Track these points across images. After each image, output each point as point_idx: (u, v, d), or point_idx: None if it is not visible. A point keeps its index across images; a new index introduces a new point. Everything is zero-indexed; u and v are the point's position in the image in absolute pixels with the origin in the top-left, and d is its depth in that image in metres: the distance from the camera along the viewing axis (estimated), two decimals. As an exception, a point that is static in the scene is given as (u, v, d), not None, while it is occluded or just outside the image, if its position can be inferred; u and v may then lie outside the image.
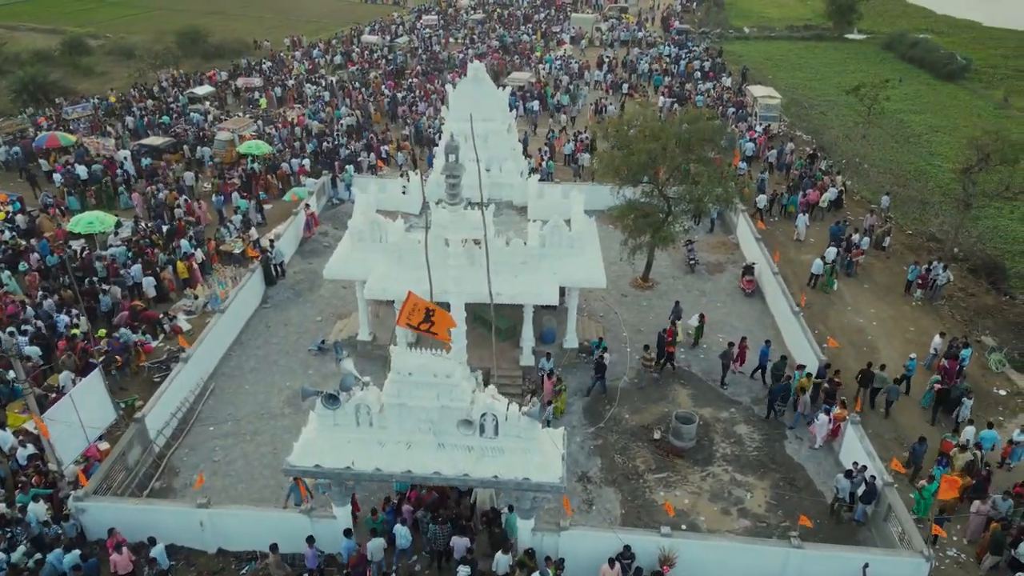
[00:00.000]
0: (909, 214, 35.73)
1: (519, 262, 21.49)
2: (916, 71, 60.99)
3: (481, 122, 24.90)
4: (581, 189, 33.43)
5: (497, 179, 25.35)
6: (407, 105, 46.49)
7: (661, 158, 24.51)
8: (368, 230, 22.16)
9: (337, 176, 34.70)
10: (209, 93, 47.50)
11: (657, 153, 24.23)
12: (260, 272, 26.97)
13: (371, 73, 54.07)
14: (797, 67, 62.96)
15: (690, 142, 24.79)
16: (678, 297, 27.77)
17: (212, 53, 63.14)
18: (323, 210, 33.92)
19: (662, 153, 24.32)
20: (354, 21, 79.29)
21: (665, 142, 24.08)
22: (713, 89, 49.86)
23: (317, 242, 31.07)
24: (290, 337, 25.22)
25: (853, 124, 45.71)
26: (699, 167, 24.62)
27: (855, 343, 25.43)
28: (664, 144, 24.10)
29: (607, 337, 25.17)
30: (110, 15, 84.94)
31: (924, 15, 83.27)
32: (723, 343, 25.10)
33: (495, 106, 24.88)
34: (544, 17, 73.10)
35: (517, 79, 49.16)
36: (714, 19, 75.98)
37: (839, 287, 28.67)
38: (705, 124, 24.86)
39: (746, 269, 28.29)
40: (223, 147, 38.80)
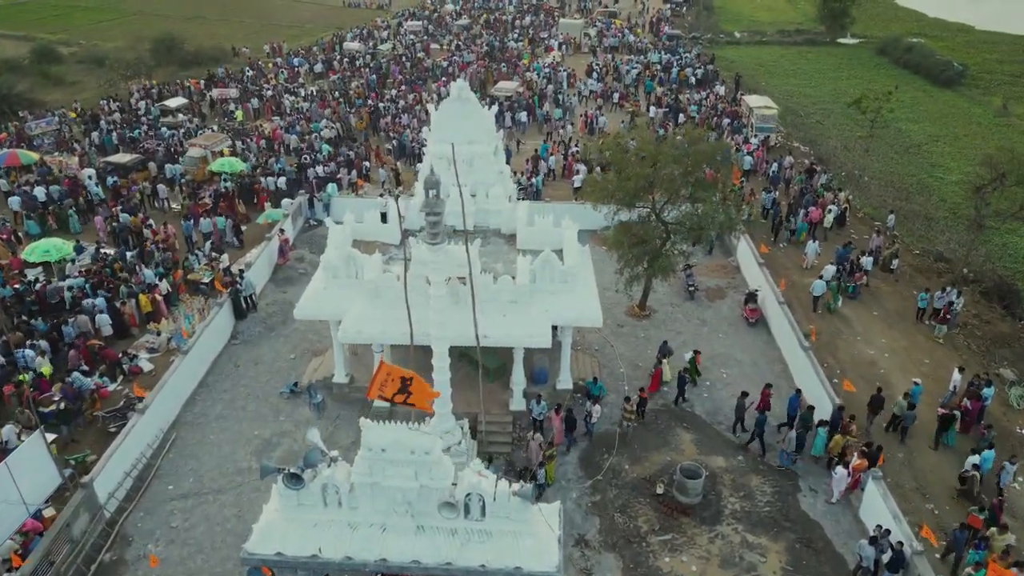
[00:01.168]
0: (914, 231, 34.23)
1: (508, 300, 19.71)
2: (911, 77, 59.71)
3: (466, 144, 23.16)
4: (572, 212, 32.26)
5: (483, 205, 23.56)
6: (390, 116, 44.59)
7: (658, 182, 22.82)
8: (343, 265, 20.31)
9: (314, 196, 32.76)
10: (182, 105, 45.39)
11: (654, 177, 22.53)
12: (228, 305, 25.03)
13: (353, 82, 52.08)
14: (790, 73, 61.55)
15: (690, 165, 23.06)
16: (678, 327, 26.15)
17: (189, 61, 60.88)
18: (299, 233, 31.99)
19: (659, 177, 22.62)
20: (337, 26, 77.24)
21: (663, 166, 22.35)
22: (706, 99, 48.22)
23: (292, 269, 29.15)
24: (260, 378, 23.31)
25: (855, 137, 44.09)
26: (700, 192, 22.90)
27: (867, 377, 23.76)
28: (662, 168, 22.37)
29: (603, 374, 23.46)
30: (86, 20, 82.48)
31: (916, 18, 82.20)
32: (726, 379, 23.51)
33: (481, 127, 23.08)
34: (531, 22, 71.33)
35: (504, 89, 47.36)
36: (704, 23, 74.48)
37: (848, 313, 27.08)
38: (706, 145, 23.15)
39: (749, 296, 26.63)
40: (194, 164, 36.77)
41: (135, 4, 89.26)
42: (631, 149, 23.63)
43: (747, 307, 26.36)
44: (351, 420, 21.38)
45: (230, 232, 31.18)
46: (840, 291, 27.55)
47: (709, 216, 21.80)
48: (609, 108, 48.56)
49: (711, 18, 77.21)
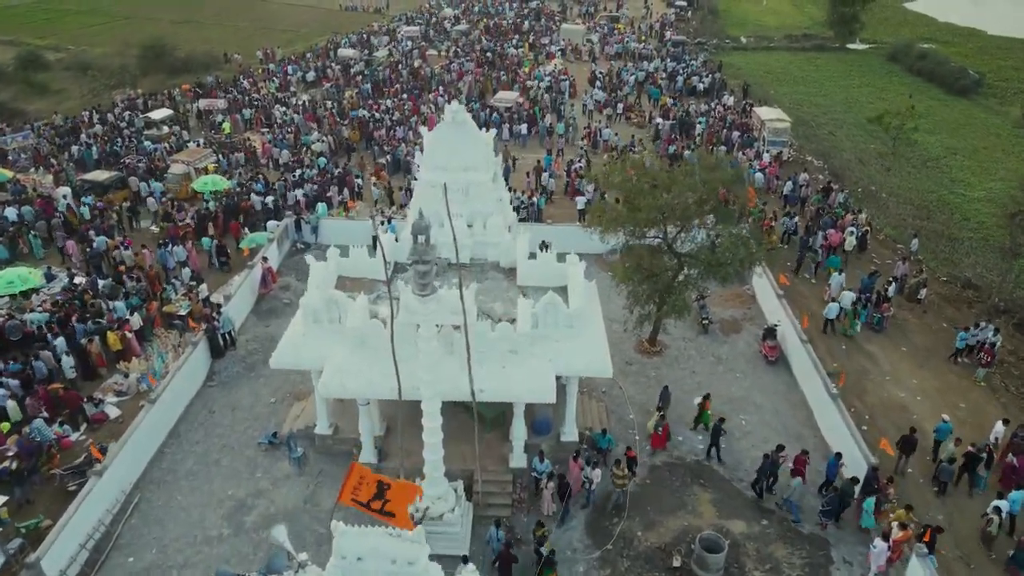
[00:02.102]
0: (938, 254, 32.28)
1: (507, 350, 17.76)
2: (925, 86, 57.79)
3: (461, 172, 21.27)
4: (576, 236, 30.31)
5: (481, 237, 21.62)
6: (384, 129, 42.63)
7: (670, 212, 20.87)
8: (324, 309, 18.35)
9: (302, 217, 30.79)
10: (167, 117, 43.39)
11: (666, 208, 20.59)
12: (204, 344, 23.06)
13: (347, 92, 50.12)
14: (799, 81, 59.63)
15: (705, 192, 21.10)
16: (691, 365, 24.20)
17: (178, 68, 58.93)
18: (285, 257, 30.02)
19: (672, 206, 20.67)
20: (333, 30, 75.30)
21: (675, 195, 20.38)
22: (714, 110, 46.25)
23: (276, 299, 27.18)
24: (237, 426, 21.33)
25: (871, 151, 42.07)
26: (719, 227, 20.93)
27: (898, 424, 21.81)
28: (675, 197, 20.41)
29: (611, 421, 21.52)
30: (76, 25, 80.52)
31: (926, 23, 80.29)
32: (746, 427, 21.55)
33: (478, 153, 21.16)
34: (531, 28, 69.31)
35: (504, 99, 45.42)
36: (709, 28, 72.58)
37: (874, 349, 25.16)
38: (723, 172, 21.17)
39: (767, 332, 24.67)
40: (177, 182, 34.84)
41: (127, 7, 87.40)
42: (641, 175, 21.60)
43: (766, 343, 24.40)
44: (335, 477, 19.45)
45: (215, 255, 29.29)
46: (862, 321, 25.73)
47: (729, 251, 19.83)
48: (614, 120, 46.62)
49: (716, 23, 75.32)
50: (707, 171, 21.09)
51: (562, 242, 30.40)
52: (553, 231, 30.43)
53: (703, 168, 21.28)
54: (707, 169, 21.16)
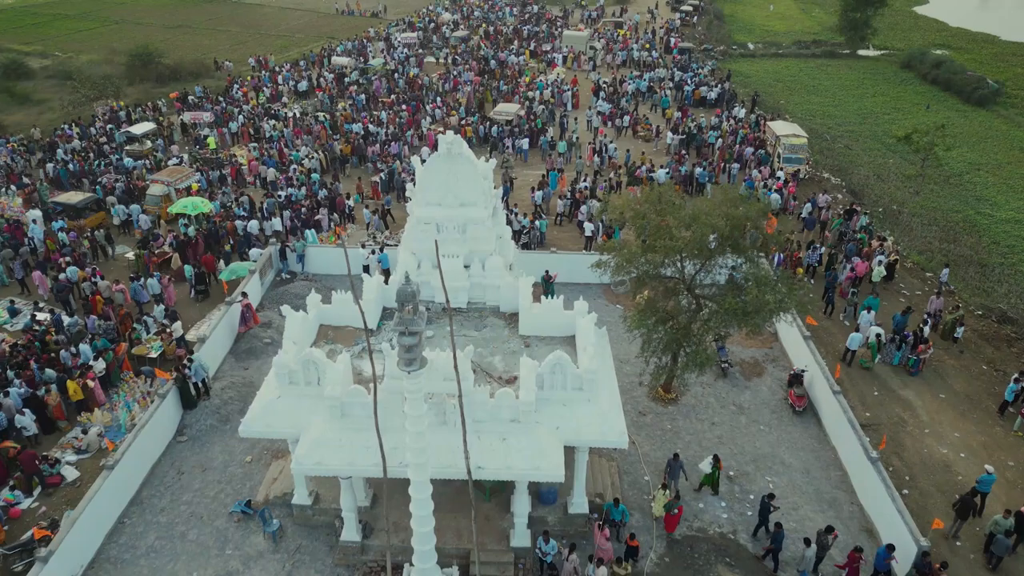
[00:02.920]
0: (969, 282, 30.13)
1: (508, 419, 15.59)
2: (941, 95, 55.63)
3: (457, 208, 19.14)
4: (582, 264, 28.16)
5: (479, 279, 19.47)
6: (378, 143, 40.47)
7: (690, 253, 18.72)
8: (300, 370, 16.17)
9: (287, 244, 28.62)
10: (149, 131, 41.20)
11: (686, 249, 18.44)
12: (174, 395, 20.90)
13: (340, 103, 47.94)
14: (811, 90, 57.45)
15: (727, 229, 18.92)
16: (711, 414, 22.04)
17: (166, 76, 56.80)
18: (269, 289, 27.86)
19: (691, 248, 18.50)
20: (329, 36, 73.25)
21: (698, 237, 18.20)
22: (725, 122, 44.08)
23: (256, 337, 25.00)
24: (208, 490, 19.17)
25: (902, 176, 39.65)
26: (745, 268, 18.77)
27: (941, 486, 19.73)
28: (696, 238, 18.24)
29: (623, 484, 19.37)
30: (64, 30, 78.33)
31: (938, 28, 78.05)
32: (773, 490, 19.35)
33: (476, 186, 19.00)
34: (532, 33, 67.07)
35: (504, 112, 43.26)
36: (716, 34, 70.39)
37: (910, 396, 23.02)
38: (749, 209, 18.99)
39: (794, 378, 22.51)
40: (156, 203, 32.71)
41: (118, 12, 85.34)
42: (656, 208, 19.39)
43: (792, 391, 22.24)
44: (315, 553, 17.33)
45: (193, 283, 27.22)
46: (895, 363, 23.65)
47: (757, 298, 17.66)
48: (622, 133, 44.48)
49: (722, 29, 73.12)
50: (730, 206, 18.89)
51: (567, 271, 28.53)
52: (558, 260, 28.32)
53: (726, 202, 19.07)
54: (730, 203, 18.96)
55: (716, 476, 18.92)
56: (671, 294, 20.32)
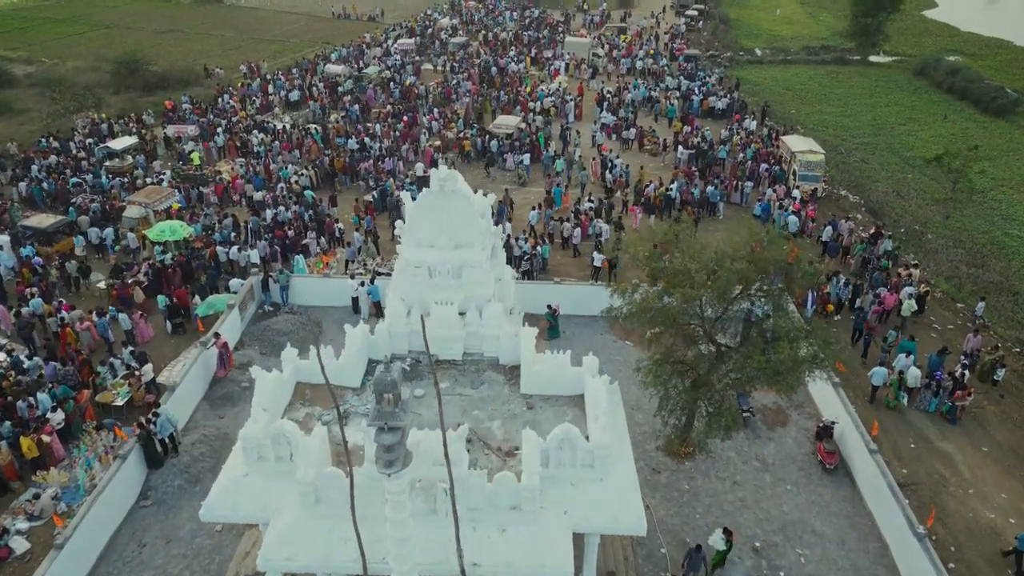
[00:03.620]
0: (1002, 312, 28.11)
1: (508, 506, 13.53)
2: (957, 104, 53.63)
3: (452, 250, 17.08)
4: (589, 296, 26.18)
5: (475, 328, 17.40)
6: (371, 159, 38.40)
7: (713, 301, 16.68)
8: (270, 445, 14.10)
9: (270, 274, 26.53)
10: (130, 146, 39.08)
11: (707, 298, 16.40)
12: (138, 453, 18.84)
13: (332, 115, 45.85)
14: (822, 98, 55.45)
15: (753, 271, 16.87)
16: (732, 472, 20.00)
17: (154, 84, 54.66)
18: (250, 323, 25.78)
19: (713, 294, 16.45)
20: (324, 41, 71.23)
21: (723, 285, 16.14)
22: (736, 134, 41.99)
23: (234, 381, 22.91)
24: (171, 566, 17.09)
25: (931, 202, 37.45)
26: (776, 321, 16.70)
27: (991, 560, 17.71)
28: (720, 286, 16.18)
29: (636, 559, 17.31)
30: (52, 34, 76.17)
31: (949, 33, 76.06)
32: (805, 565, 17.32)
33: (472, 226, 16.96)
34: (533, 39, 64.93)
35: (504, 125, 41.19)
36: (722, 40, 68.36)
37: (949, 449, 20.99)
38: (777, 249, 16.90)
39: (823, 431, 20.47)
40: (133, 226, 30.65)
41: (108, 16, 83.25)
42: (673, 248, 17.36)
43: (821, 446, 20.19)
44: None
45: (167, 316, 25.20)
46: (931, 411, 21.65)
47: (789, 356, 15.61)
48: (627, 146, 42.45)
49: (729, 34, 71.11)
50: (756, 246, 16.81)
51: (573, 303, 26.50)
52: (562, 292, 26.28)
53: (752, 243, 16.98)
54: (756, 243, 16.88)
55: (724, 556, 16.85)
56: (689, 342, 18.27)
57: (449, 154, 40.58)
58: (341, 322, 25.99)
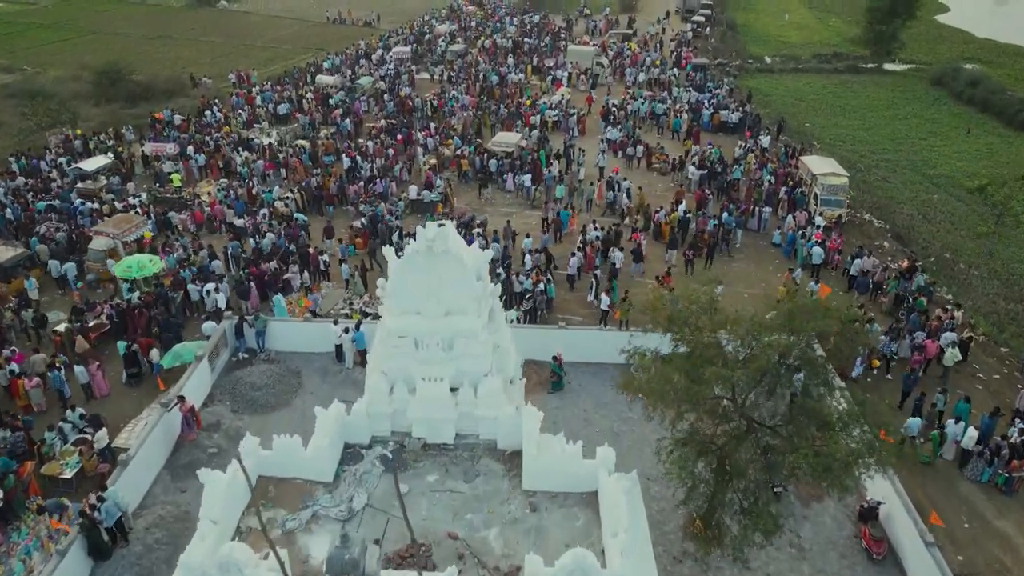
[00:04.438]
0: (1049, 356, 25.59)
1: (509, 655, 11.04)
2: (979, 117, 51.05)
3: (443, 318, 14.59)
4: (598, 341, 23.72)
5: (469, 408, 14.94)
6: (362, 180, 35.88)
7: (746, 383, 14.15)
8: (217, 572, 11.60)
9: (244, 318, 23.98)
10: (104, 166, 36.51)
11: (741, 381, 13.86)
12: (80, 545, 16.31)
13: (322, 131, 43.31)
14: (837, 110, 52.91)
15: (797, 343, 14.34)
16: (764, 561, 17.41)
17: (138, 95, 52.06)
18: (222, 374, 23.25)
19: (748, 376, 13.91)
20: (318, 47, 68.72)
21: (763, 364, 13.61)
22: (751, 153, 39.45)
23: (199, 447, 20.39)
24: None
25: (973, 233, 34.74)
26: (820, 398, 14.16)
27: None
28: (759, 365, 13.64)
29: (660, 677, 14.82)
30: (36, 41, 73.63)
31: (964, 40, 73.43)
32: None
33: (466, 289, 14.48)
34: (534, 47, 62.33)
35: (504, 143, 38.66)
36: (730, 47, 65.81)
37: (1007, 528, 18.48)
38: (824, 322, 14.32)
39: (865, 512, 17.95)
40: (99, 259, 28.14)
41: (95, 21, 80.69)
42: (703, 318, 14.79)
43: (866, 530, 17.67)
44: None
45: (125, 365, 22.77)
46: (984, 480, 19.17)
47: (846, 450, 13.10)
48: (632, 163, 39.94)
49: (736, 41, 68.54)
50: (802, 316, 14.25)
51: (580, 350, 24.04)
52: (567, 337, 23.79)
53: (798, 312, 14.39)
54: (803, 313, 14.31)
55: None
56: (719, 419, 15.73)
57: (446, 173, 38.10)
58: (323, 372, 23.75)
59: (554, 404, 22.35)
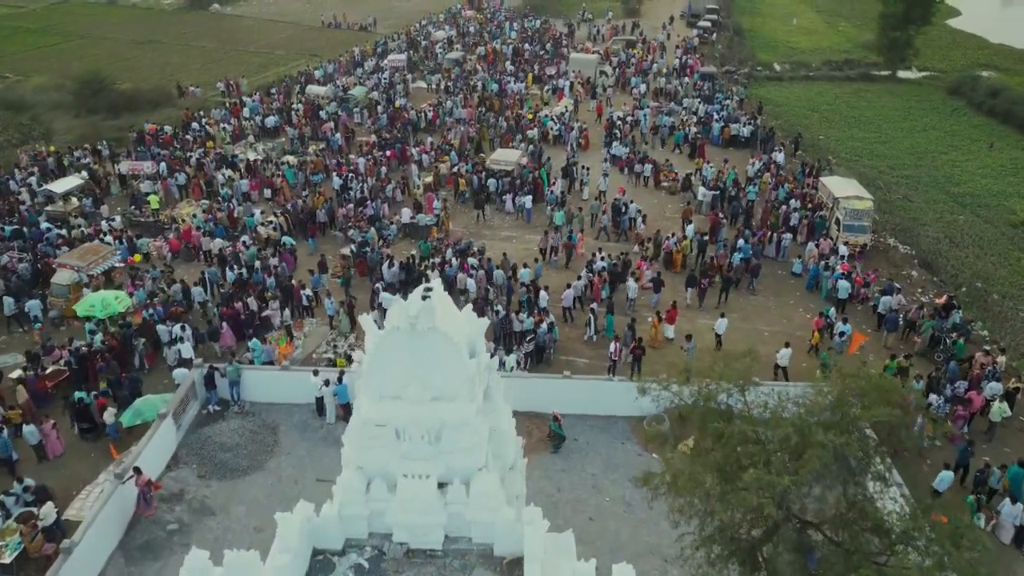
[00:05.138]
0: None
1: None
2: (1000, 129, 48.88)
3: (428, 404, 12.29)
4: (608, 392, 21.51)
5: (459, 508, 12.60)
6: (351, 203, 33.59)
7: (796, 493, 11.88)
8: None
9: (215, 367, 21.69)
10: (76, 187, 34.19)
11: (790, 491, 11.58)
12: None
13: (311, 146, 41.01)
14: (851, 121, 50.67)
15: (849, 434, 12.07)
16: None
17: (121, 105, 49.75)
18: (189, 430, 20.97)
19: (797, 481, 11.63)
20: (311, 53, 66.52)
21: (814, 469, 11.35)
22: (767, 169, 37.13)
23: (158, 523, 18.12)
24: None
25: (989, 252, 32.48)
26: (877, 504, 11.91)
27: None
28: (811, 469, 11.38)
29: None
30: (23, 46, 71.49)
31: (979, 46, 71.27)
32: None
33: (456, 370, 12.17)
34: (535, 53, 59.96)
35: (503, 160, 36.36)
36: (737, 54, 63.51)
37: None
38: (883, 410, 12.04)
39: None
40: (63, 295, 25.88)
41: (84, 25, 78.47)
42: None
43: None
44: None
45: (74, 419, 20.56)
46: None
47: (917, 570, 10.88)
48: (639, 181, 37.67)
49: (744, 47, 66.23)
50: (855, 399, 11.96)
51: (586, 401, 21.84)
52: (573, 388, 21.57)
53: (851, 393, 12.09)
54: (856, 395, 12.00)
55: None
56: (754, 514, 13.45)
57: (442, 192, 35.84)
58: (302, 427, 21.44)
59: (558, 466, 20.18)
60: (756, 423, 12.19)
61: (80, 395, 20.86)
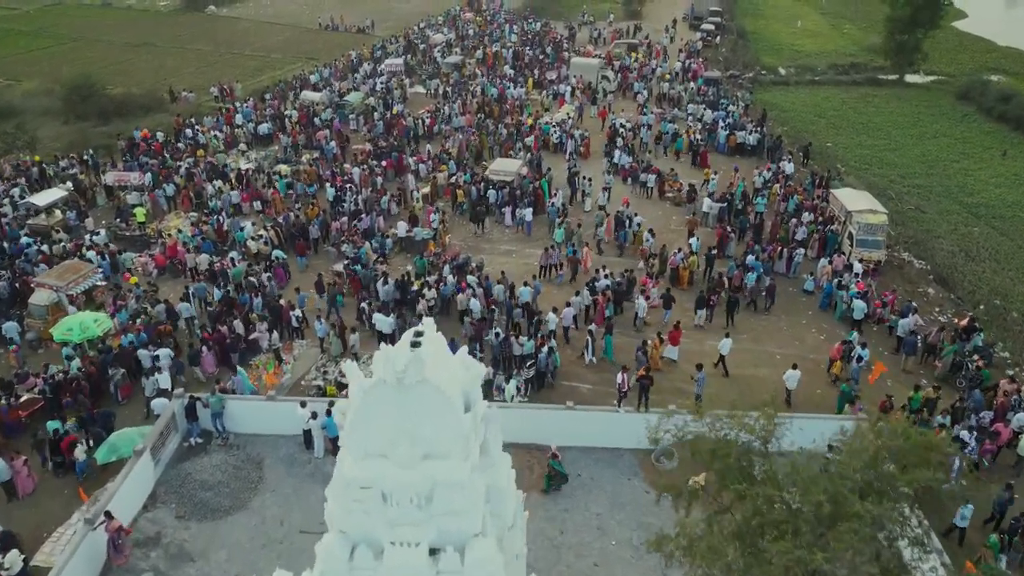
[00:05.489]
0: None
1: None
2: (1012, 135, 47.67)
3: (419, 463, 11.07)
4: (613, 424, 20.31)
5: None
6: (345, 215, 32.38)
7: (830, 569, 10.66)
8: None
9: (197, 397, 20.47)
10: (59, 200, 32.95)
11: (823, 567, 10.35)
12: None
13: (304, 155, 39.78)
14: (859, 127, 49.42)
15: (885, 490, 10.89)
16: None
17: (112, 111, 48.52)
18: (168, 466, 19.76)
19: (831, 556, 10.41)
20: (308, 56, 65.28)
21: (849, 542, 10.13)
22: (776, 180, 35.89)
23: (132, 572, 16.90)
24: None
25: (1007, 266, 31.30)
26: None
27: None
28: (846, 542, 10.17)
29: None
30: (13, 50, 70.18)
31: (987, 49, 70.05)
32: None
33: (449, 426, 10.95)
34: (535, 57, 58.71)
35: (503, 170, 35.12)
36: (741, 58, 62.24)
37: None
38: (924, 473, 10.84)
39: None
40: (42, 316, 24.68)
41: (78, 28, 77.22)
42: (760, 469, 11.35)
43: None
44: None
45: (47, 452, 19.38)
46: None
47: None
48: (643, 191, 36.44)
49: (748, 50, 64.94)
50: (903, 464, 10.77)
51: (591, 434, 20.66)
52: (576, 420, 20.37)
53: (886, 451, 10.93)
54: (906, 461, 10.81)
55: None
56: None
57: (440, 203, 34.65)
58: (289, 461, 20.18)
59: (561, 506, 18.97)
60: (781, 487, 10.98)
61: (55, 426, 19.71)
